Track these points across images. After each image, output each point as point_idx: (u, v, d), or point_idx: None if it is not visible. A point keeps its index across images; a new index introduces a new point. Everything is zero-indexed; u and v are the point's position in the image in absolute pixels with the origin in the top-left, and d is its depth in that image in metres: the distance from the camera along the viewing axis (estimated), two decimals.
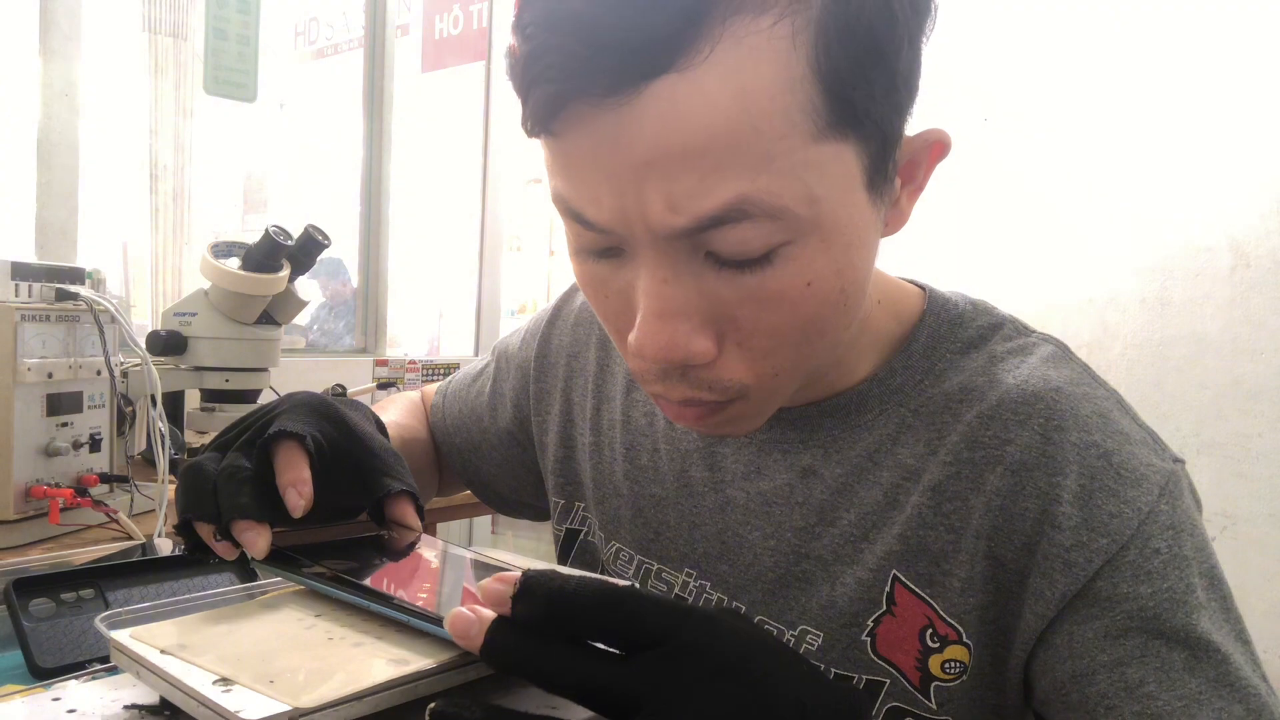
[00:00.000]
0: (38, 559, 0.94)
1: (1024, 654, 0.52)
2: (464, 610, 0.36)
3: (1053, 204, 2.17)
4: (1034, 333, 0.61)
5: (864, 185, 0.46)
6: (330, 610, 0.46)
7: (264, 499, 0.50)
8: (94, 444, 1.14)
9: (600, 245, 0.48)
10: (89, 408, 1.14)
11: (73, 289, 1.11)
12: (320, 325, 3.35)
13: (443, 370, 2.10)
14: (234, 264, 1.37)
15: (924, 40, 0.46)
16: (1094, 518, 0.50)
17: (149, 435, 1.18)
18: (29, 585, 0.65)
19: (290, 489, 0.50)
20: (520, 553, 0.56)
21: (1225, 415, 1.95)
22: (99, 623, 0.45)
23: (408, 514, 0.55)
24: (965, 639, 0.54)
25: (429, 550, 0.53)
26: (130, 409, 1.23)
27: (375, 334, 2.66)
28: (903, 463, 0.57)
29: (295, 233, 1.43)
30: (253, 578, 0.68)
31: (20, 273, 1.09)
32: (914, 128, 0.50)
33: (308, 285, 1.48)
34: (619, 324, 0.50)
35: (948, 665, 0.54)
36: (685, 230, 0.43)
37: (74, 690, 0.44)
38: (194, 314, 1.38)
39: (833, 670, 0.56)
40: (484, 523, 2.81)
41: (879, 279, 0.60)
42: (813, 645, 0.57)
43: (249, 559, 0.49)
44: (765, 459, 0.61)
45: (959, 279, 0.68)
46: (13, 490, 1.03)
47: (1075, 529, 0.50)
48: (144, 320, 2.16)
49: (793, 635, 0.58)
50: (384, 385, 2.00)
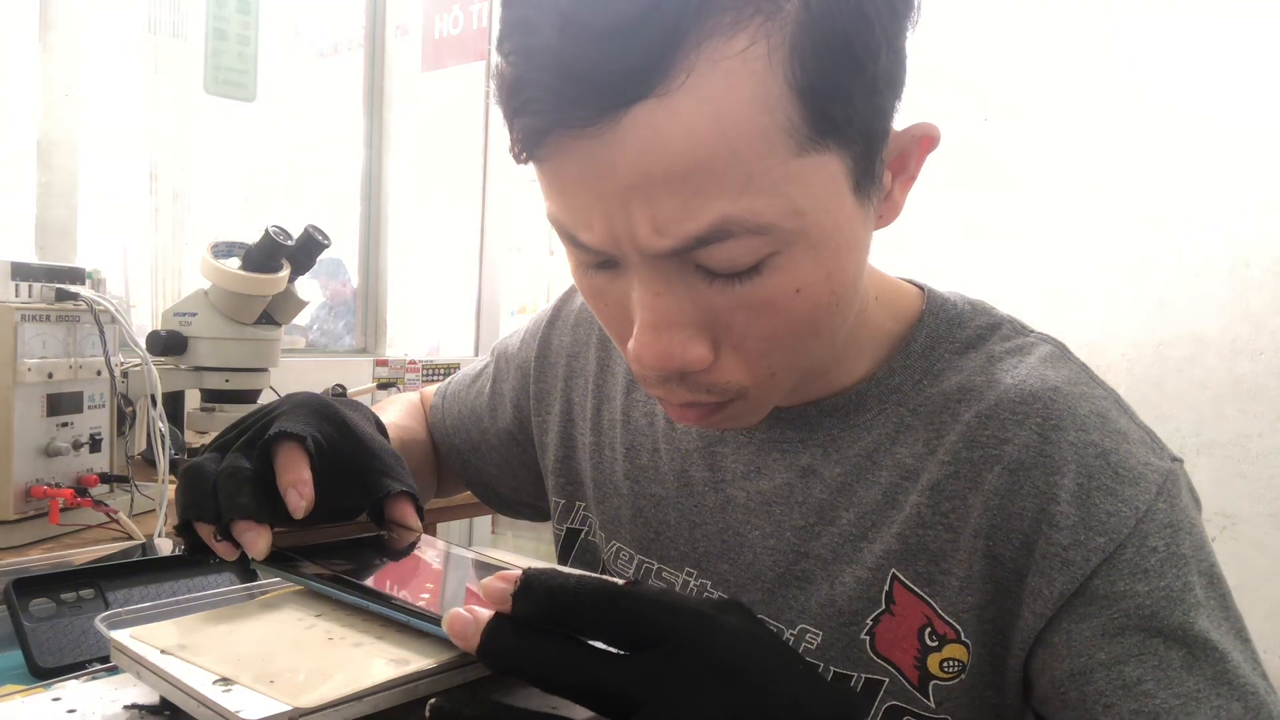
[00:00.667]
0: (38, 559, 0.94)
1: (1023, 653, 0.53)
2: (461, 611, 0.37)
3: (1052, 204, 2.17)
4: (1032, 332, 0.61)
5: (850, 190, 0.46)
6: (330, 610, 0.46)
7: (264, 499, 0.50)
8: (94, 444, 1.14)
9: (595, 261, 0.49)
10: (89, 408, 1.14)
11: (73, 289, 1.11)
12: (320, 325, 3.35)
13: (443, 370, 2.10)
14: (234, 264, 1.37)
15: (908, 35, 0.46)
16: (1091, 516, 0.50)
17: (149, 435, 1.18)
18: (29, 585, 0.65)
19: (291, 490, 0.50)
20: (520, 553, 0.56)
21: (1225, 415, 1.95)
22: (99, 623, 0.45)
23: (408, 514, 0.55)
24: (964, 638, 0.54)
25: (429, 550, 0.53)
26: (130, 409, 1.23)
27: (375, 334, 2.66)
28: (901, 462, 0.57)
29: (295, 233, 1.43)
30: (253, 578, 0.68)
31: (20, 273, 1.09)
32: (906, 121, 0.50)
33: (308, 285, 1.48)
34: (619, 330, 0.51)
35: (946, 664, 0.54)
36: (672, 251, 0.44)
37: (74, 690, 0.44)
38: (194, 314, 1.38)
39: (831, 668, 0.56)
40: (484, 523, 2.81)
41: (876, 276, 0.61)
42: (812, 644, 0.57)
43: (249, 559, 0.49)
44: (765, 458, 0.62)
45: (959, 279, 0.68)
46: (13, 490, 1.03)
47: (1073, 528, 0.51)
48: (144, 320, 2.16)
49: (792, 634, 0.58)
50: (384, 385, 2.00)
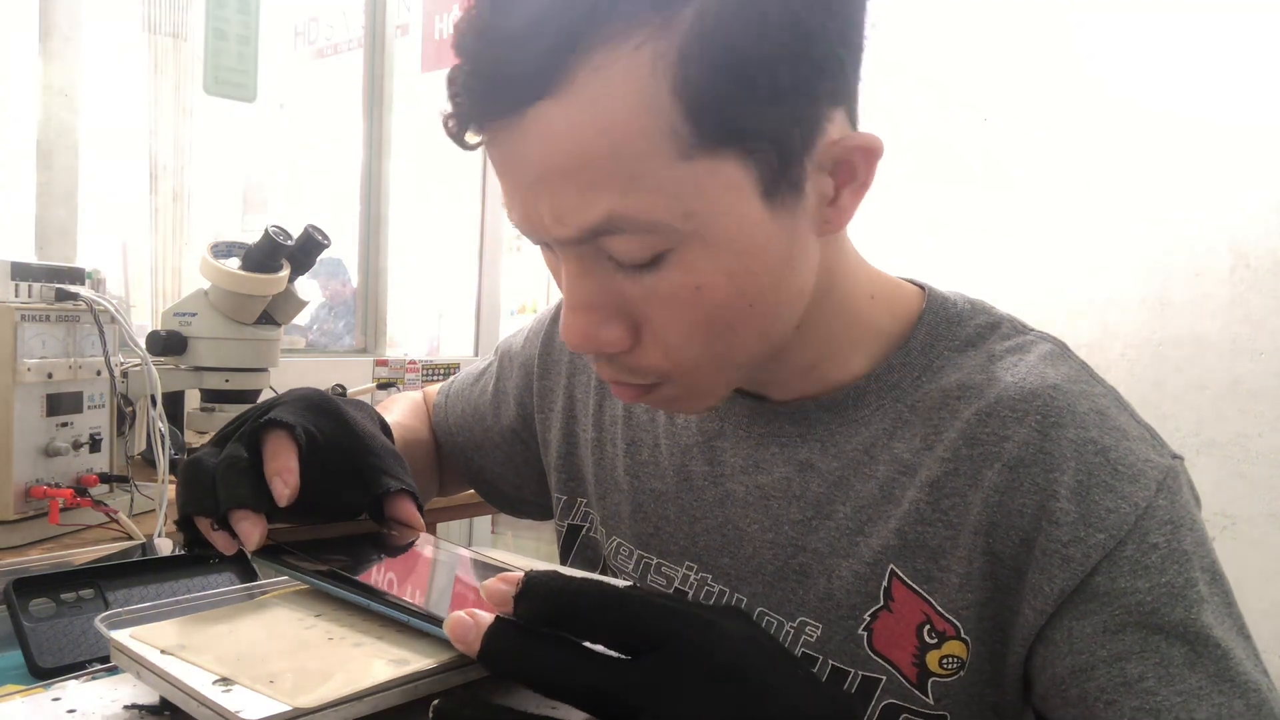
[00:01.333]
0: (38, 559, 0.94)
1: (1023, 650, 0.53)
2: (462, 615, 0.37)
3: (1053, 204, 2.17)
4: (1032, 331, 0.61)
5: (758, 195, 0.47)
6: (330, 610, 0.46)
7: (263, 489, 0.50)
8: (94, 444, 1.14)
9: (535, 240, 0.52)
10: (89, 408, 1.14)
11: (73, 289, 1.11)
12: (320, 325, 3.35)
13: (443, 370, 2.10)
14: (234, 264, 1.37)
15: (844, 39, 0.47)
16: (1091, 513, 0.51)
17: (149, 435, 1.18)
18: (29, 585, 0.65)
19: (276, 478, 0.50)
20: (520, 552, 0.56)
21: (1225, 415, 1.95)
22: (99, 623, 0.45)
23: (409, 512, 0.55)
24: (963, 635, 0.54)
25: (429, 550, 0.53)
26: (130, 409, 1.23)
27: (375, 334, 2.66)
28: (899, 457, 0.57)
29: (295, 233, 1.43)
30: (253, 577, 0.68)
31: (20, 273, 1.09)
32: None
33: (308, 285, 1.48)
34: None
35: (945, 661, 0.54)
36: (573, 239, 0.47)
37: (74, 690, 0.44)
38: (194, 314, 1.38)
39: (830, 663, 0.56)
40: (484, 522, 2.81)
41: (873, 275, 0.61)
42: (811, 636, 0.58)
43: (250, 555, 0.49)
44: (764, 453, 0.62)
45: (959, 279, 0.68)
46: (13, 490, 1.03)
47: (1073, 524, 0.51)
48: (144, 320, 2.16)
49: (792, 627, 0.58)
50: (384, 385, 2.00)
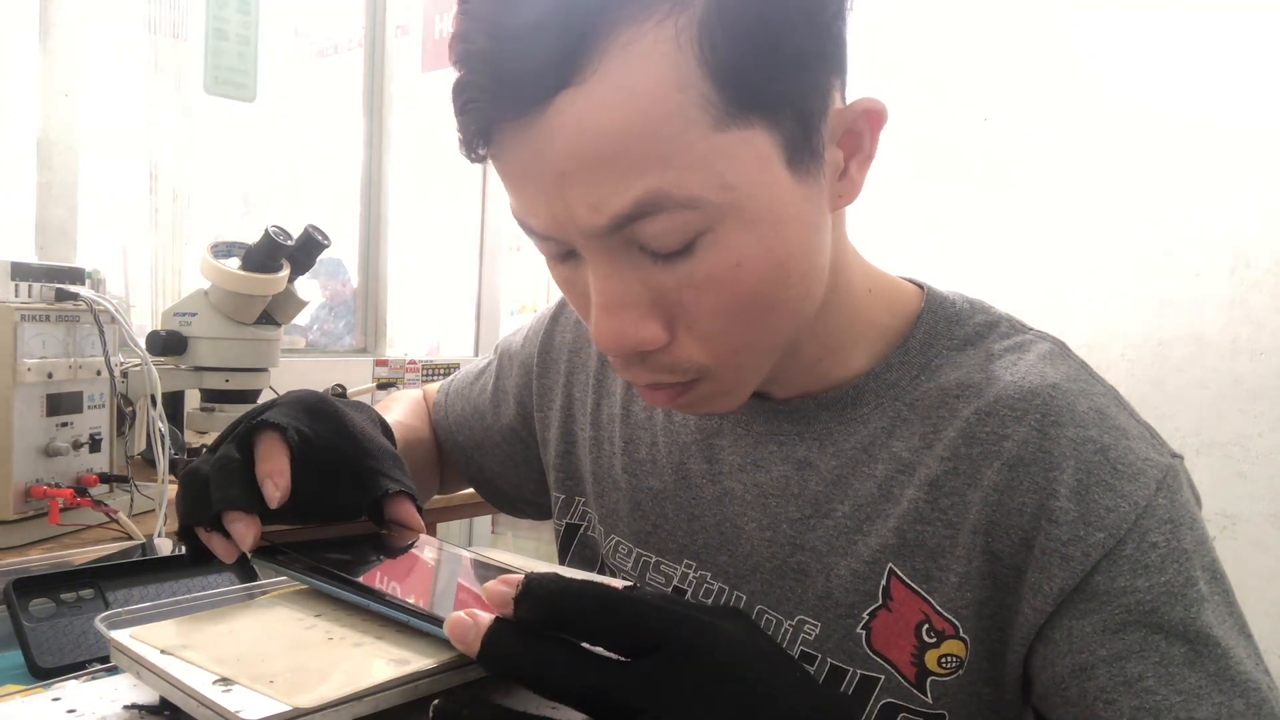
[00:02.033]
0: (38, 559, 0.94)
1: (1023, 649, 0.53)
2: (462, 615, 0.37)
3: (1053, 204, 2.17)
4: (1030, 330, 0.61)
5: (784, 164, 0.47)
6: (330, 610, 0.46)
7: (254, 491, 0.50)
8: (94, 444, 1.14)
9: (557, 251, 0.51)
10: (89, 408, 1.14)
11: (73, 289, 1.11)
12: (320, 325, 3.35)
13: (443, 370, 2.10)
14: (234, 264, 1.37)
15: (839, 11, 0.47)
16: (1091, 512, 0.50)
17: (149, 435, 1.18)
18: (29, 585, 0.65)
19: (268, 480, 0.50)
20: (520, 553, 0.56)
21: (1225, 415, 1.95)
22: (99, 623, 0.45)
23: (408, 513, 0.55)
24: (962, 634, 0.54)
25: (429, 550, 0.53)
26: (130, 409, 1.23)
27: (375, 334, 2.66)
28: (897, 455, 0.57)
29: (295, 233, 1.43)
30: (253, 578, 0.68)
31: (20, 273, 1.09)
32: (895, 113, 0.50)
33: (308, 285, 1.48)
34: (588, 320, 0.52)
35: (944, 660, 0.54)
36: (609, 228, 0.46)
37: (74, 690, 0.44)
38: (194, 314, 1.38)
39: (829, 661, 0.57)
40: (484, 523, 2.81)
41: (871, 271, 0.61)
42: (810, 635, 0.58)
43: (250, 556, 0.49)
44: (762, 451, 0.62)
45: (960, 278, 0.68)
46: (13, 490, 1.03)
47: (1072, 524, 0.51)
48: (144, 320, 2.16)
49: (790, 625, 0.58)
50: (384, 385, 2.00)
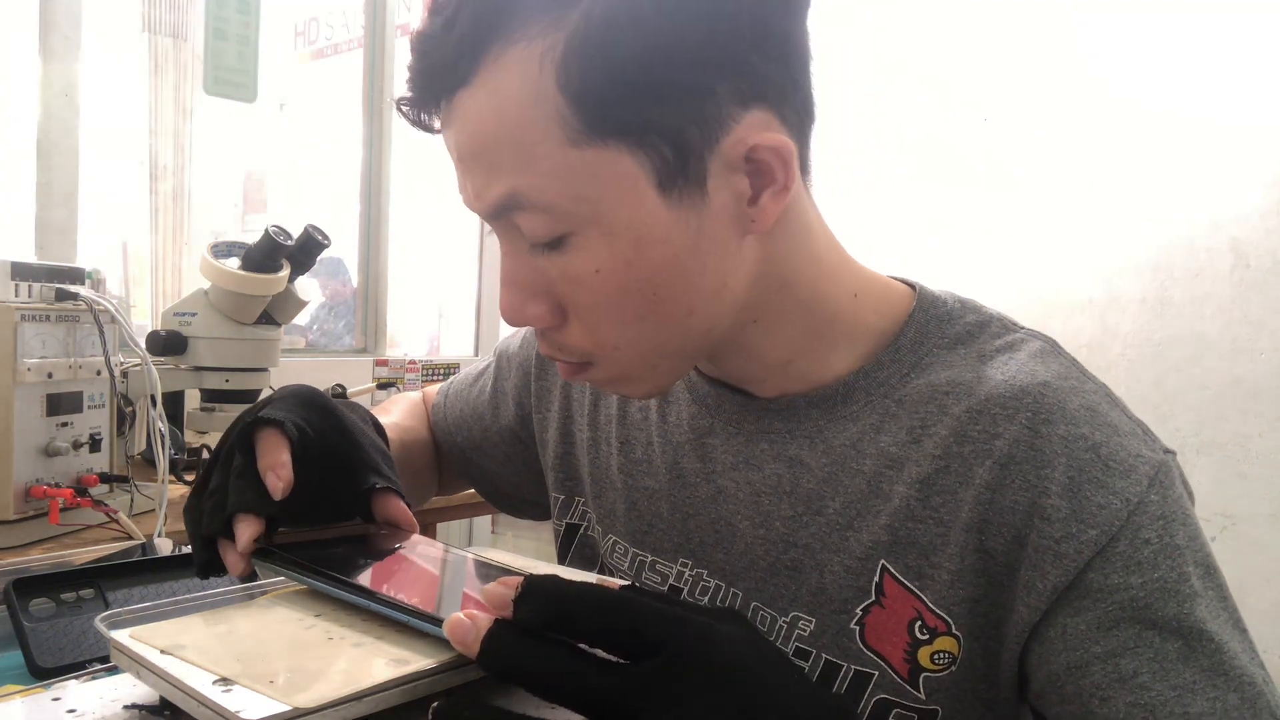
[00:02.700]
0: (38, 559, 0.94)
1: (1017, 646, 0.53)
2: (461, 616, 0.37)
3: (1052, 203, 2.17)
4: (1022, 329, 0.61)
5: (654, 187, 0.49)
6: (330, 610, 0.46)
7: (264, 492, 0.50)
8: (94, 444, 1.14)
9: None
10: (89, 408, 1.14)
11: (73, 289, 1.11)
12: (320, 325, 3.35)
13: (443, 370, 2.10)
14: (234, 264, 1.37)
15: (758, 44, 0.49)
16: (1083, 509, 0.51)
17: (149, 435, 1.18)
18: (29, 585, 0.65)
19: (270, 472, 0.50)
20: (520, 553, 0.56)
21: (1225, 415, 1.95)
22: (99, 623, 0.45)
23: (398, 510, 0.55)
24: (954, 630, 0.54)
25: (428, 550, 0.53)
26: (130, 409, 1.23)
27: (375, 334, 2.66)
28: (884, 450, 0.57)
29: (295, 233, 1.43)
30: (253, 577, 0.68)
31: (20, 273, 1.09)
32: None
33: (308, 285, 1.48)
34: None
35: (937, 656, 0.54)
36: (492, 214, 0.52)
37: (74, 690, 0.44)
38: (194, 314, 1.38)
39: (824, 657, 0.57)
40: (484, 523, 2.81)
41: (859, 274, 0.61)
42: (804, 631, 0.58)
43: (250, 557, 0.49)
44: (754, 449, 0.62)
45: (960, 278, 0.68)
46: (13, 490, 1.03)
47: (1064, 521, 0.51)
48: (144, 320, 2.16)
49: (785, 621, 0.59)
50: (384, 385, 2.00)
